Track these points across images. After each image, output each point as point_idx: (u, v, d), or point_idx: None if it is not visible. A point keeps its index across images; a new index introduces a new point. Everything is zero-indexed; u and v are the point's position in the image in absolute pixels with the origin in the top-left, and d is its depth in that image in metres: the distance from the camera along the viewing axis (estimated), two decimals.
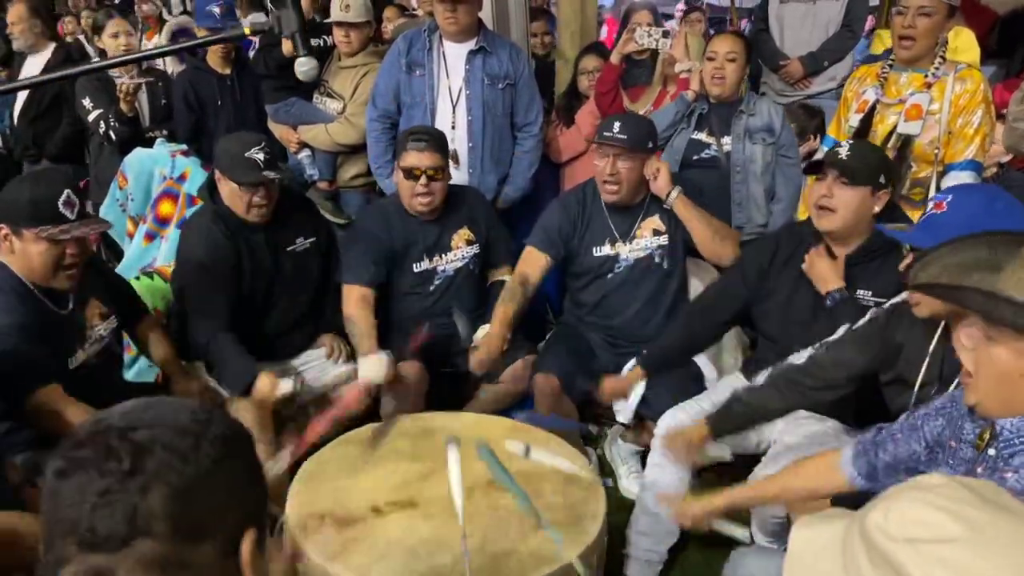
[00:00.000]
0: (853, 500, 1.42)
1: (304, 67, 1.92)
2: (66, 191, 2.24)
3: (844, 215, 2.35)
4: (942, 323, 1.90)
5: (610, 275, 3.04)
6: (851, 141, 2.42)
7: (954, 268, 1.41)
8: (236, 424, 0.98)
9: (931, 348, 1.98)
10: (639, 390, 2.76)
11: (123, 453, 0.85)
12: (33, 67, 4.48)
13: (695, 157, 3.39)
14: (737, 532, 2.28)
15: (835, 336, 2.16)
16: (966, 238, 1.45)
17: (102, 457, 0.85)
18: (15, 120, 4.53)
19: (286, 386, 2.63)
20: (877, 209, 2.36)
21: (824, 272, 2.41)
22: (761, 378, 2.26)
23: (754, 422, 2.30)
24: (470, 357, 2.89)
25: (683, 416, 2.54)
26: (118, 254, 3.89)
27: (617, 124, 2.87)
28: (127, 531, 0.83)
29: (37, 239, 2.21)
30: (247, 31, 2.09)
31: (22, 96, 4.46)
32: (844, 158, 2.34)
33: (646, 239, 3.01)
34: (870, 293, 2.38)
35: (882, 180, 2.35)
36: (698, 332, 2.76)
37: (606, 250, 3.02)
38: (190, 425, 0.90)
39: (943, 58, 2.89)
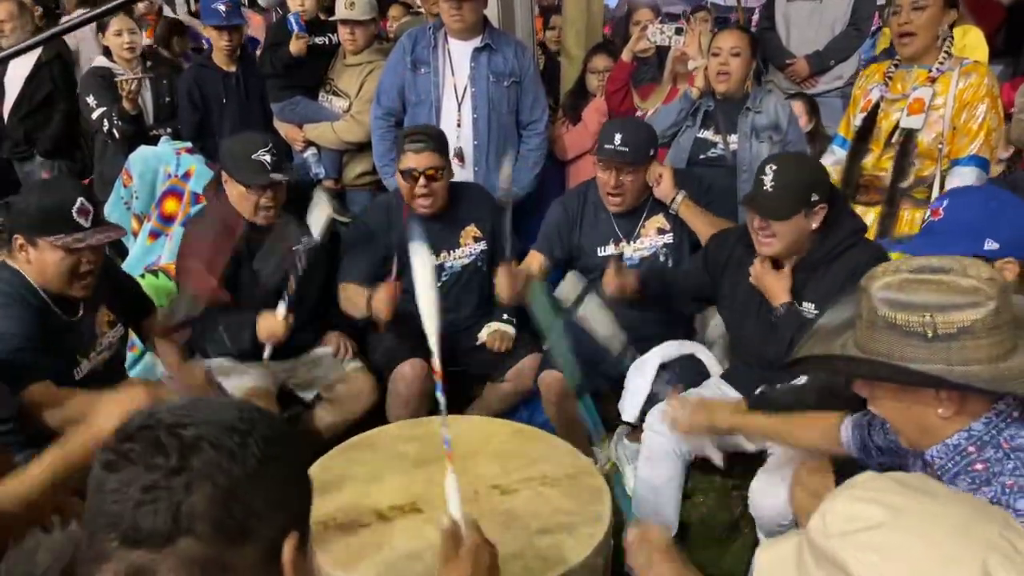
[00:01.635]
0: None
1: None
2: (80, 199, 2.22)
3: (782, 243, 2.36)
4: None
5: None
6: (774, 168, 2.36)
7: (825, 337, 1.53)
8: (283, 425, 0.97)
9: None
10: (644, 389, 2.75)
11: (171, 449, 0.85)
12: (19, 66, 4.46)
13: (701, 156, 3.36)
14: (716, 457, 2.29)
15: None
16: (844, 302, 1.55)
17: (150, 452, 0.85)
18: (5, 117, 4.53)
19: (281, 310, 2.66)
20: (815, 225, 2.35)
21: (770, 287, 2.41)
22: (802, 379, 2.26)
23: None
24: (483, 357, 2.87)
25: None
26: (122, 252, 3.89)
27: (618, 136, 2.83)
28: (170, 528, 0.83)
29: (52, 248, 2.19)
30: None
31: (12, 93, 4.46)
32: (769, 191, 2.33)
33: (651, 238, 2.99)
34: (813, 306, 2.36)
35: (814, 199, 2.32)
36: (674, 294, 2.83)
37: (610, 250, 3.01)
38: (238, 424, 0.90)
39: (948, 53, 2.87)
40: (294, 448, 0.97)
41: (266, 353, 2.72)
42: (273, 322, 2.68)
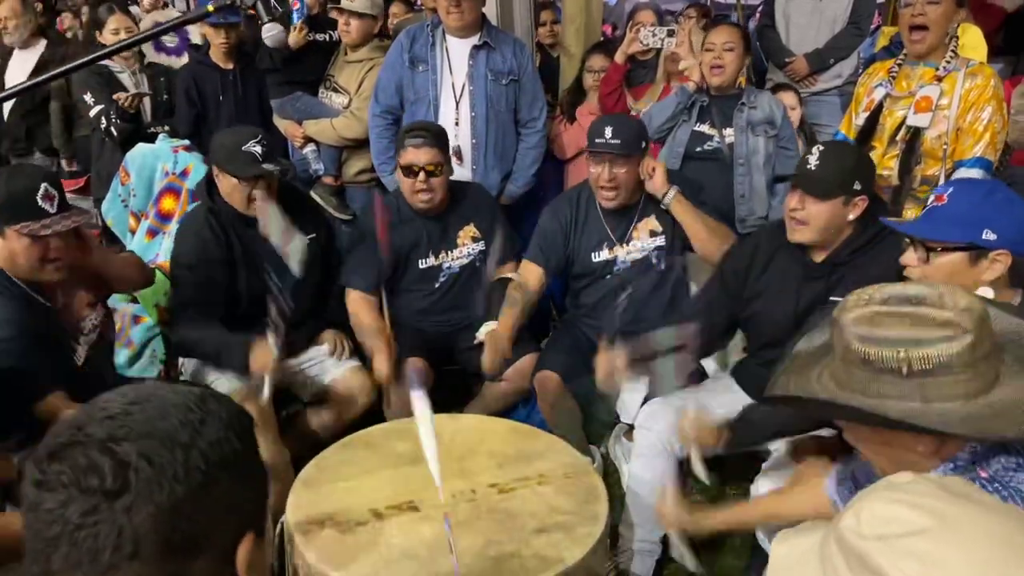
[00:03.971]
0: None
1: (270, 32, 1.92)
2: (43, 184, 2.17)
3: (815, 227, 2.31)
4: None
5: (608, 277, 3.02)
6: (821, 148, 2.34)
7: (803, 364, 1.45)
8: (234, 417, 0.89)
9: None
10: (642, 389, 2.74)
11: (105, 469, 0.78)
12: (22, 62, 4.45)
13: (698, 149, 3.38)
14: (702, 475, 2.27)
15: None
16: (822, 324, 1.48)
17: (82, 473, 0.78)
18: (6, 114, 4.52)
19: (270, 339, 2.55)
20: (852, 216, 2.31)
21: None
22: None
23: (774, 436, 2.27)
24: (481, 355, 2.86)
25: (665, 407, 2.51)
26: (120, 250, 3.88)
27: (608, 129, 2.83)
28: (113, 556, 0.77)
29: (19, 236, 2.15)
30: (210, 8, 2.08)
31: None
32: (812, 169, 2.29)
33: (643, 241, 2.98)
34: None
35: (857, 187, 2.28)
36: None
37: (604, 255, 3.00)
38: (180, 432, 0.82)
39: (955, 52, 2.87)
40: (246, 445, 0.89)
41: (264, 393, 2.56)
42: (265, 354, 2.57)
